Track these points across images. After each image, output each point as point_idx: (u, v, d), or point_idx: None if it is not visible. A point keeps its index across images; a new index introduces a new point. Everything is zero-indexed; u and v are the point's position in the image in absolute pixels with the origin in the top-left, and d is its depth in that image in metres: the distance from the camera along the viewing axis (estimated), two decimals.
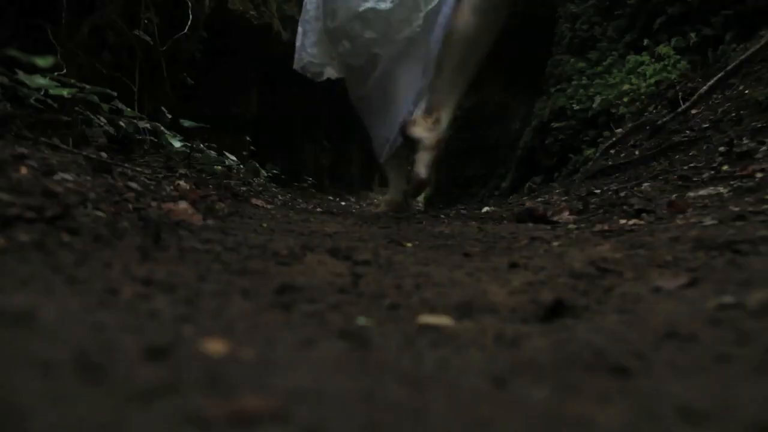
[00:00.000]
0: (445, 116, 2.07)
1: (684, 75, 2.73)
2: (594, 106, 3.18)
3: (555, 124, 3.52)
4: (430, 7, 2.16)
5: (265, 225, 1.11)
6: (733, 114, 2.06)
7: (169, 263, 0.60)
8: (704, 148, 1.94)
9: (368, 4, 2.18)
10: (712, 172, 1.54)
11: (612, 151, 2.68)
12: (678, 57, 2.81)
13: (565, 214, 1.38)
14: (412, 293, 0.57)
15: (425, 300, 0.55)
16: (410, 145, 2.12)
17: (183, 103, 2.53)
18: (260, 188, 2.47)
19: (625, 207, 1.30)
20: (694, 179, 1.52)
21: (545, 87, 3.96)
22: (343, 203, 3.21)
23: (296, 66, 2.43)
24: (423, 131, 2.03)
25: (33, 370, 0.27)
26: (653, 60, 2.94)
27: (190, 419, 0.24)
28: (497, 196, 4.26)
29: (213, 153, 2.31)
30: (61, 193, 0.73)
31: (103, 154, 1.27)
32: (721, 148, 1.75)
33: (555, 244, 0.89)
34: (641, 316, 0.47)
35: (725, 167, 1.54)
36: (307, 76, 2.45)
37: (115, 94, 1.59)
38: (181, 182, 1.35)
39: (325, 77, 2.47)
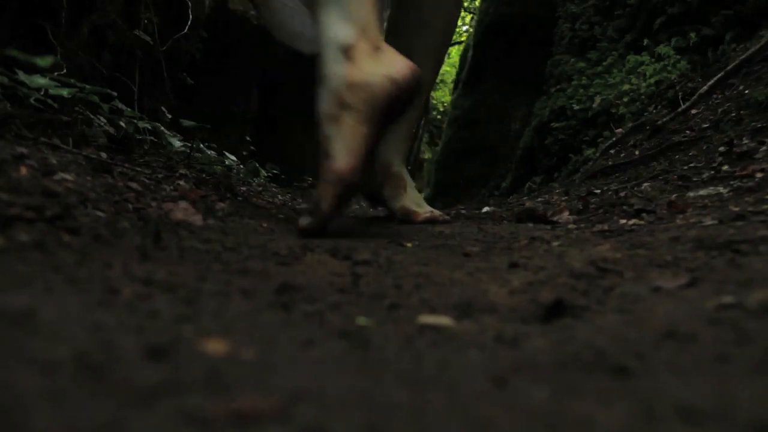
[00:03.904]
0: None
1: (684, 75, 2.73)
2: (594, 106, 3.18)
3: (555, 124, 3.52)
4: None
5: (265, 225, 1.11)
6: (733, 114, 2.06)
7: (169, 263, 0.60)
8: (704, 148, 1.94)
9: None
10: (712, 172, 1.54)
11: (612, 151, 2.68)
12: (678, 57, 2.81)
13: (565, 214, 1.38)
14: (412, 293, 0.57)
15: (425, 300, 0.55)
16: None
17: (183, 103, 2.53)
18: (260, 188, 2.47)
19: (625, 207, 1.30)
20: (694, 179, 1.52)
21: (545, 87, 3.96)
22: None
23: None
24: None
25: (33, 370, 0.27)
26: (653, 60, 2.94)
27: (190, 419, 0.24)
28: (497, 196, 4.26)
29: (213, 153, 2.31)
30: (61, 193, 0.73)
31: (103, 154, 1.27)
32: (721, 148, 1.75)
33: (555, 244, 0.89)
34: (641, 316, 0.47)
35: (725, 167, 1.54)
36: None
37: (115, 94, 1.59)
38: (181, 182, 1.35)
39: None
